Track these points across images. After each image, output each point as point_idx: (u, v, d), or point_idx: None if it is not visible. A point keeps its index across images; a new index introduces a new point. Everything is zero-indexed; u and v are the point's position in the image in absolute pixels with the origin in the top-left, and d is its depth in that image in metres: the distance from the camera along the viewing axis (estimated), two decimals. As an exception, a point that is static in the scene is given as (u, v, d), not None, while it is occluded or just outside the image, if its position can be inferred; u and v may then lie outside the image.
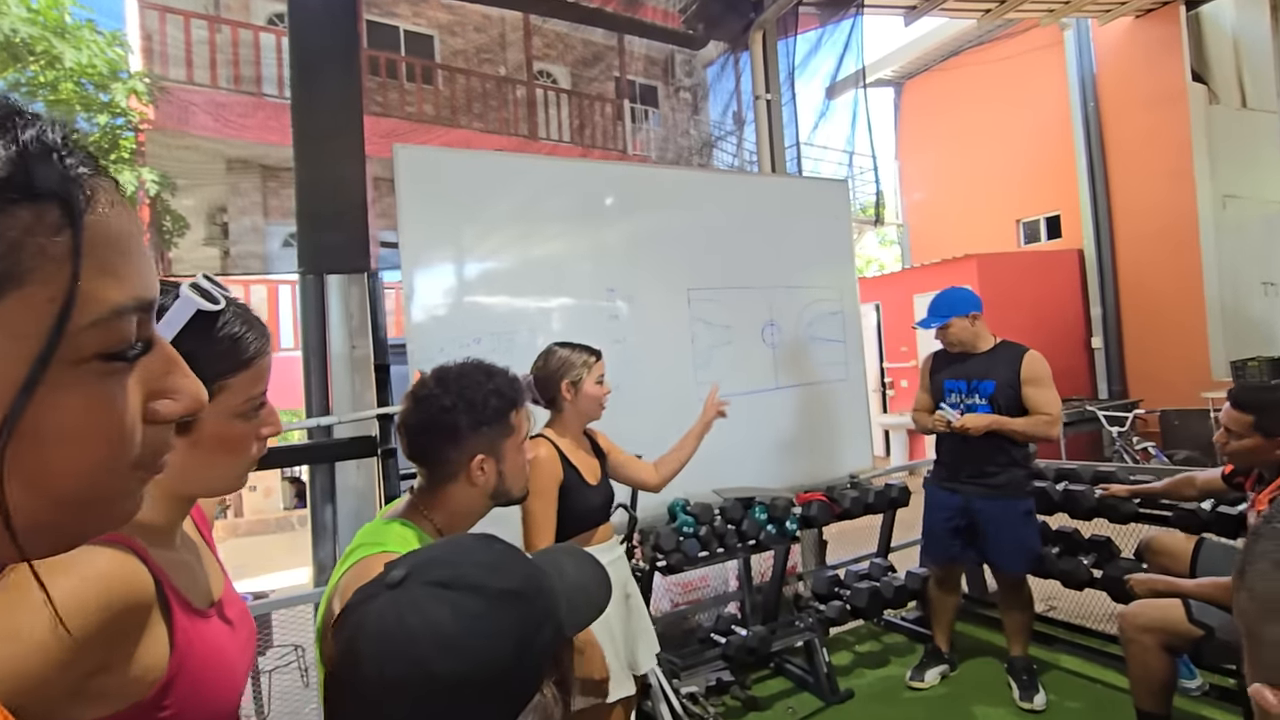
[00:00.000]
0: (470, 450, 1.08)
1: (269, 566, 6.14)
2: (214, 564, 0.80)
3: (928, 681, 2.81)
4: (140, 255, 0.32)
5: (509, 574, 0.57)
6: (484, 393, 1.10)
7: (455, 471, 1.09)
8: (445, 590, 0.54)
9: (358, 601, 0.56)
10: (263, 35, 7.08)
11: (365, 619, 0.54)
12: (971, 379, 2.68)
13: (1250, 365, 6.41)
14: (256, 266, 7.50)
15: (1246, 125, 7.49)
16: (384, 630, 0.52)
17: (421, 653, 0.50)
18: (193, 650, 0.65)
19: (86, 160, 0.30)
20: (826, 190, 3.58)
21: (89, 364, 0.29)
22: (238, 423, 0.70)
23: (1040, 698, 2.60)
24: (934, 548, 2.85)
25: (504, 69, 7.94)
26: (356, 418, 2.22)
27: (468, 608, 0.53)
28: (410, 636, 0.51)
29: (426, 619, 0.52)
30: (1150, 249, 7.85)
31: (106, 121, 6.60)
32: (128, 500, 0.35)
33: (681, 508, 2.64)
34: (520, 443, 1.16)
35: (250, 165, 7.41)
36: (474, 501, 1.12)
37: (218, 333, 0.67)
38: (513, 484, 1.15)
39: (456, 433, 1.08)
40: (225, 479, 0.73)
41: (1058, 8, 6.76)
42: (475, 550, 0.60)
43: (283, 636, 3.24)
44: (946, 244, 9.59)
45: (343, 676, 0.55)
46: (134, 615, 0.59)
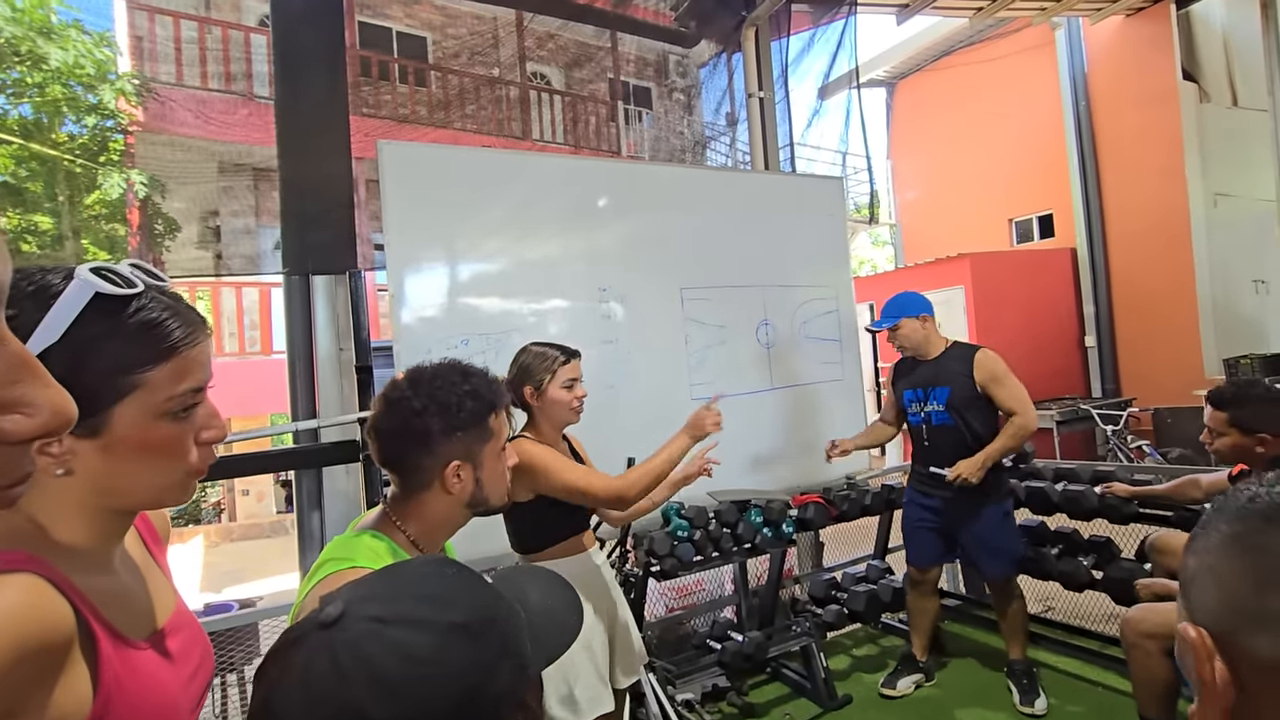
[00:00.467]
0: (444, 456, 1.01)
1: (263, 571, 6.07)
2: (162, 585, 0.72)
3: (899, 690, 2.75)
4: None
5: (458, 606, 0.51)
6: (459, 395, 1.03)
7: (429, 479, 1.02)
8: (383, 626, 0.47)
9: (284, 644, 0.49)
10: (254, 36, 7.02)
11: (291, 662, 0.47)
12: (926, 386, 2.66)
13: (1243, 362, 6.42)
14: (248, 268, 7.43)
15: (1237, 124, 7.51)
16: (312, 675, 0.45)
17: (354, 696, 0.44)
18: (123, 689, 0.57)
19: None
20: (821, 188, 3.54)
21: None
22: (162, 424, 0.60)
23: (1041, 702, 2.56)
24: (915, 549, 2.80)
25: (497, 70, 7.90)
26: (338, 421, 2.17)
27: (409, 647, 0.46)
28: (342, 679, 0.45)
29: (361, 659, 0.45)
30: (1142, 247, 7.87)
31: (95, 123, 6.53)
32: None
33: (675, 511, 2.60)
34: (500, 449, 1.08)
35: (242, 166, 7.34)
36: (450, 511, 1.05)
37: (128, 319, 0.57)
38: (491, 492, 1.07)
39: (429, 438, 1.01)
40: (159, 489, 0.63)
41: (1049, 6, 6.76)
42: (422, 580, 0.53)
43: (270, 645, 3.18)
44: (939, 243, 9.59)
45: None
46: (47, 656, 0.51)
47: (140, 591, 0.68)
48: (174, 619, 0.71)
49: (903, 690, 2.76)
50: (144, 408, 0.59)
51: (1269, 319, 7.35)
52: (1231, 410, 1.95)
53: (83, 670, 0.55)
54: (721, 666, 2.60)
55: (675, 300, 2.95)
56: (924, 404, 2.67)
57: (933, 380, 2.65)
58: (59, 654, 0.52)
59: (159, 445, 0.61)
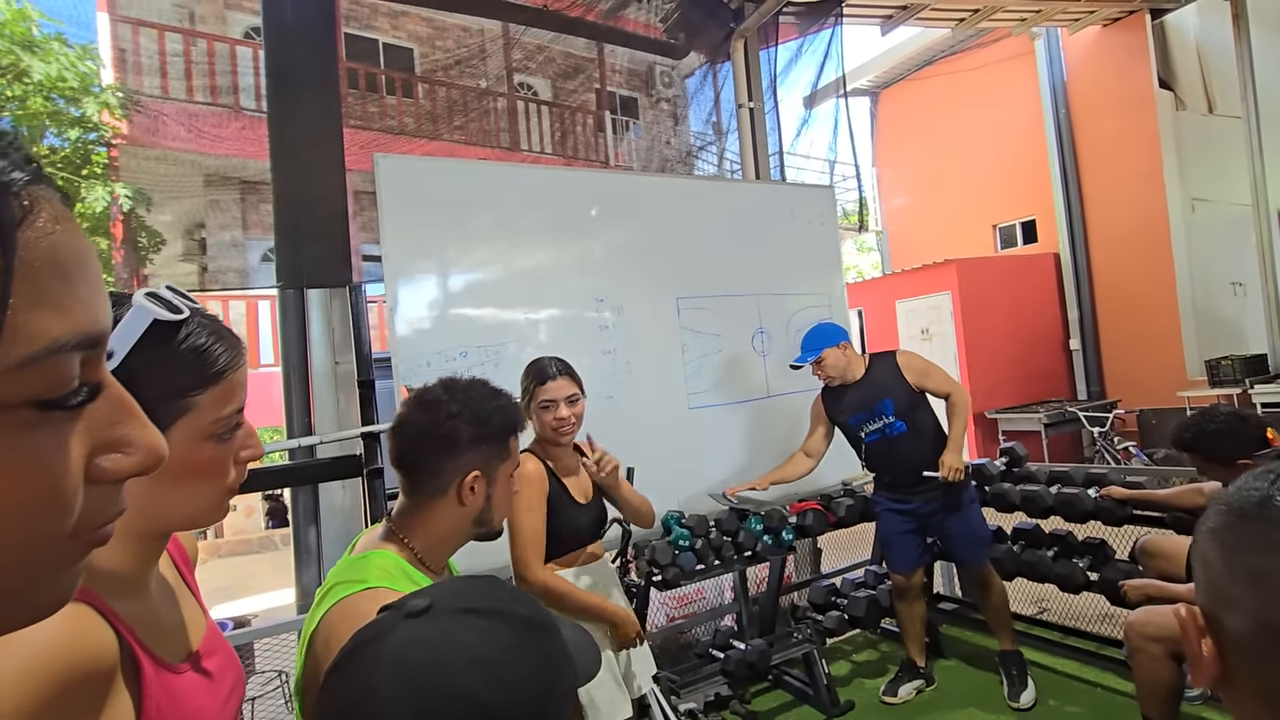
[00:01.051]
0: (465, 465, 1.01)
1: (252, 587, 5.99)
2: (194, 607, 0.73)
3: (901, 697, 2.77)
4: (89, 283, 0.27)
5: (527, 605, 0.54)
6: (490, 408, 1.04)
7: (445, 486, 1.02)
8: (475, 617, 0.50)
9: (368, 637, 0.51)
10: (239, 49, 6.99)
11: (382, 651, 0.48)
12: (871, 405, 2.71)
13: (1224, 364, 6.53)
14: (236, 281, 7.36)
15: (1212, 130, 7.68)
16: (410, 659, 0.47)
17: (463, 681, 0.46)
18: (164, 715, 0.58)
19: (24, 165, 0.25)
20: (812, 196, 3.58)
21: (20, 413, 0.24)
22: (208, 445, 0.62)
23: (1028, 695, 2.62)
24: (899, 556, 2.83)
25: (484, 81, 7.92)
26: (340, 437, 2.16)
27: (501, 635, 0.49)
28: (445, 663, 0.46)
29: (461, 645, 0.47)
30: (1124, 252, 8.01)
31: (78, 136, 6.46)
32: (57, 582, 0.29)
33: (676, 520, 2.60)
34: (510, 473, 1.09)
35: (229, 179, 7.29)
36: (458, 524, 1.04)
37: (179, 345, 0.59)
38: (496, 513, 1.07)
39: (455, 443, 1.01)
40: (198, 510, 0.64)
41: (1029, 16, 6.90)
42: (489, 585, 0.57)
43: (266, 663, 3.14)
44: (925, 250, 9.70)
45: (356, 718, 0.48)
46: (93, 683, 0.52)
47: (175, 614, 0.69)
48: (207, 640, 0.71)
49: (904, 697, 2.77)
50: (192, 431, 0.61)
51: (1247, 320, 7.49)
52: (1201, 451, 2.01)
53: (126, 697, 0.55)
54: (725, 675, 2.60)
55: (671, 310, 2.97)
56: (875, 421, 2.71)
57: (874, 397, 2.70)
58: (104, 681, 0.53)
59: (204, 467, 0.62)
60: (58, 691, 0.48)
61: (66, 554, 0.28)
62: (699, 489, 2.86)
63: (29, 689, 0.47)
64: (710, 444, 2.98)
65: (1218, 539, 0.49)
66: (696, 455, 2.91)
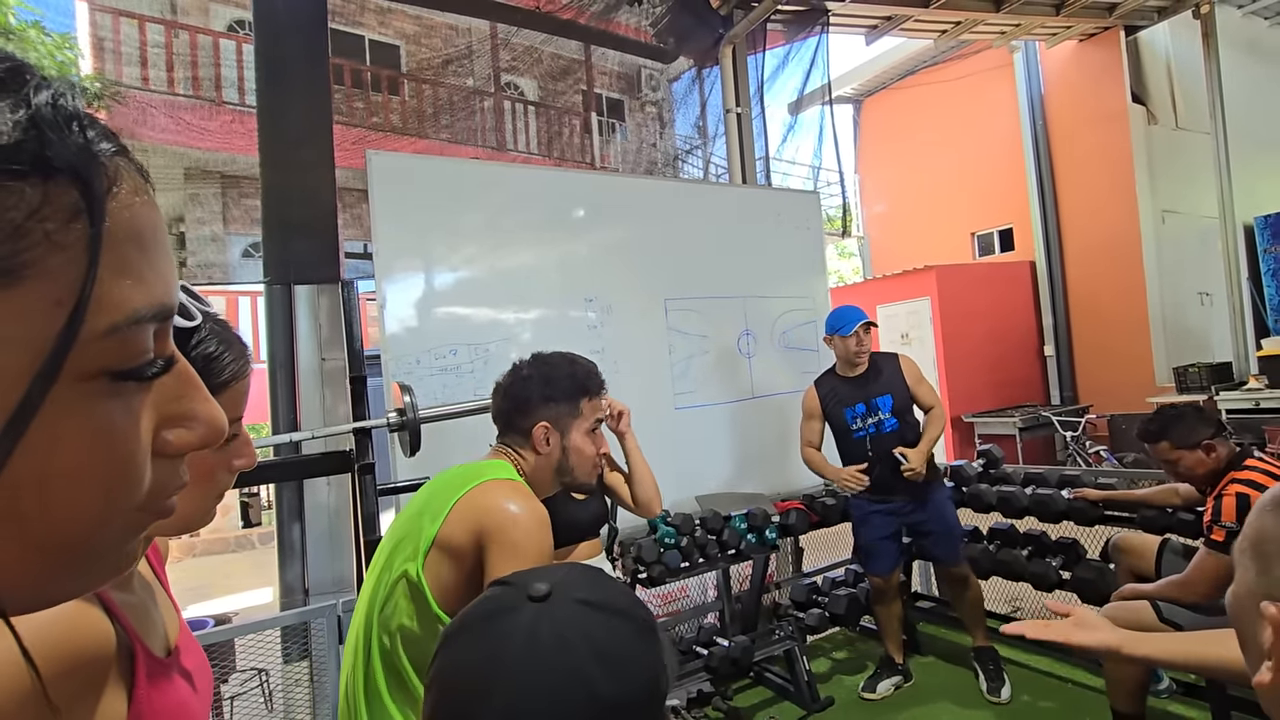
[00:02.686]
0: (535, 417, 1.21)
1: (228, 587, 5.90)
2: (168, 605, 0.72)
3: (879, 693, 2.82)
4: (164, 256, 0.27)
5: (643, 608, 0.56)
6: (560, 373, 1.24)
7: (524, 437, 1.22)
8: (597, 611, 0.52)
9: (493, 610, 0.54)
10: (223, 41, 6.91)
11: (515, 625, 0.51)
12: (870, 399, 2.77)
13: (1191, 370, 6.73)
14: (217, 277, 7.26)
15: (1181, 144, 7.92)
16: (541, 639, 0.50)
17: (581, 667, 0.48)
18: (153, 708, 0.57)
19: (109, 137, 0.26)
20: (798, 201, 3.64)
21: (97, 382, 0.25)
22: (205, 452, 0.60)
23: (1006, 690, 2.68)
24: (879, 560, 2.86)
25: (471, 80, 7.90)
26: (332, 432, 2.15)
27: (619, 632, 0.52)
28: (570, 649, 0.49)
29: (583, 635, 0.50)
30: (1097, 261, 8.21)
31: (52, 127, 6.31)
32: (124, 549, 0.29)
33: (662, 519, 2.63)
34: (588, 430, 1.25)
35: (210, 173, 7.19)
36: (544, 470, 1.22)
37: (190, 352, 0.59)
38: (577, 465, 1.24)
39: (527, 401, 1.22)
40: (190, 514, 0.64)
41: (1008, 30, 7.06)
42: (604, 578, 0.59)
43: (245, 661, 3.11)
44: (905, 256, 9.86)
45: (479, 685, 0.50)
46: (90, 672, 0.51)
47: (154, 610, 0.68)
48: (182, 638, 0.71)
49: (882, 693, 2.83)
50: None
51: (1213, 329, 7.73)
52: (1170, 437, 2.10)
53: (120, 687, 0.55)
54: (708, 671, 2.63)
55: (659, 310, 3.00)
56: (869, 416, 2.76)
57: (875, 391, 2.76)
58: (102, 669, 0.52)
59: (202, 474, 0.62)
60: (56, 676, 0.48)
61: (134, 523, 0.29)
62: (685, 488, 2.90)
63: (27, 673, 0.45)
64: (696, 444, 3.02)
65: None
66: (683, 455, 2.95)
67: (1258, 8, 8.20)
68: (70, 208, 0.23)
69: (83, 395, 0.24)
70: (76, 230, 0.23)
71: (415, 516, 1.08)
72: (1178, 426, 2.10)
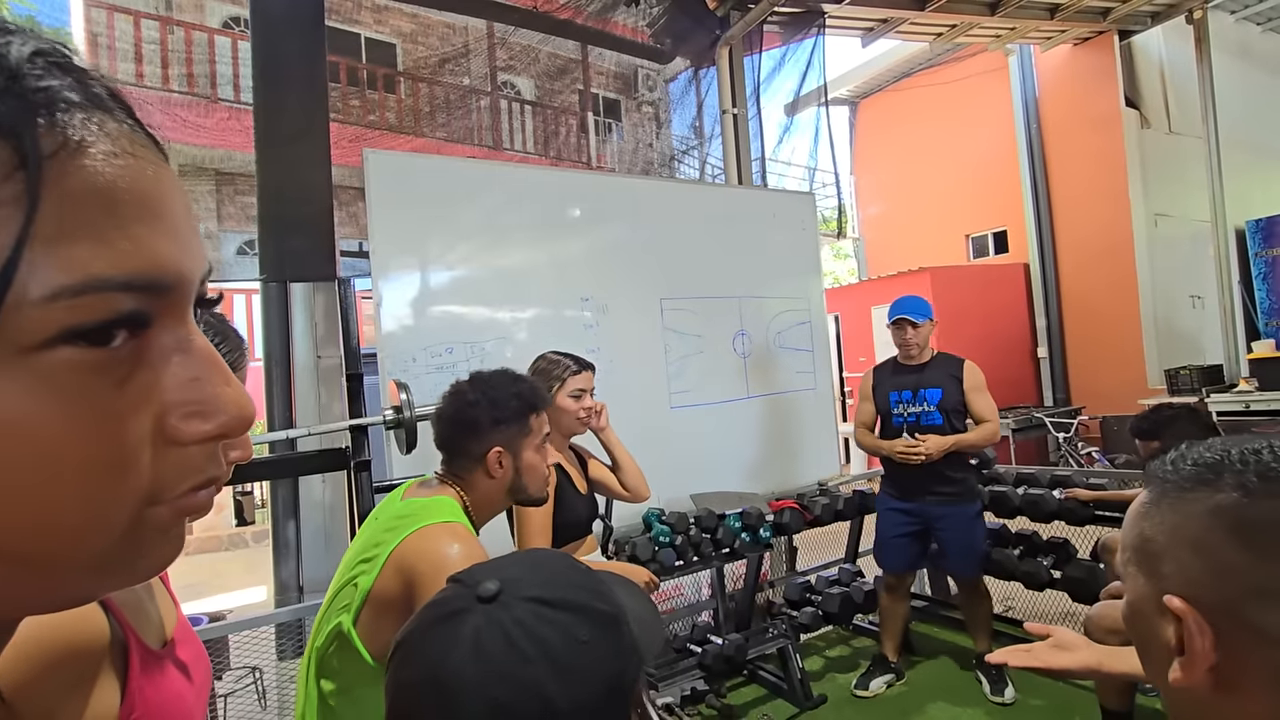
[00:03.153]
0: (488, 443, 1.18)
1: (223, 586, 5.88)
2: (166, 597, 0.72)
3: (872, 690, 2.83)
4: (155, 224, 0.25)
5: (606, 598, 0.54)
6: (507, 394, 1.21)
7: (475, 462, 1.19)
8: (549, 609, 0.50)
9: (440, 615, 0.52)
10: (219, 38, 6.89)
11: (458, 635, 0.49)
12: (918, 388, 2.77)
13: (1182, 373, 6.78)
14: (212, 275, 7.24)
15: (1174, 148, 7.98)
16: (488, 647, 0.48)
17: (535, 674, 0.46)
18: (146, 701, 0.56)
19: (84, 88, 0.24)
20: (793, 202, 3.66)
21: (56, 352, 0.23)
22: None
23: (1010, 691, 2.70)
24: (891, 557, 2.89)
25: (468, 79, 7.89)
26: (328, 429, 2.16)
27: (576, 631, 0.49)
28: (522, 657, 0.47)
29: (535, 639, 0.48)
30: (1090, 264, 8.26)
31: (46, 122, 6.29)
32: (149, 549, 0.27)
33: (657, 517, 2.64)
34: (539, 445, 1.24)
35: (205, 170, 7.16)
36: (494, 492, 1.21)
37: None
38: (530, 482, 1.23)
39: (477, 426, 1.19)
40: None
41: (1003, 33, 7.09)
42: (569, 569, 0.57)
43: (239, 658, 3.10)
44: (900, 257, 9.90)
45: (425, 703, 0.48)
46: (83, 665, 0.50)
47: (150, 602, 0.68)
48: (180, 630, 0.70)
49: (875, 691, 2.84)
50: None
51: (1205, 332, 7.78)
52: (1163, 439, 2.14)
53: (113, 679, 0.54)
54: (702, 669, 2.64)
55: (655, 310, 3.01)
56: (913, 405, 2.76)
57: (926, 382, 2.75)
58: (95, 661, 0.52)
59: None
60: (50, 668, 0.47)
61: (152, 519, 0.27)
62: (680, 487, 2.91)
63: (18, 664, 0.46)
64: (691, 443, 3.03)
65: (1228, 519, 0.45)
66: (678, 454, 2.96)
67: (1250, 13, 8.26)
68: (6, 163, 0.21)
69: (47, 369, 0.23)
70: (12, 187, 0.21)
71: (354, 561, 1.06)
72: (1171, 428, 2.13)
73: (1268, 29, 8.67)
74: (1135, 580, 0.52)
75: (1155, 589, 0.50)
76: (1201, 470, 0.49)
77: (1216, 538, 0.46)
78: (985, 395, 2.74)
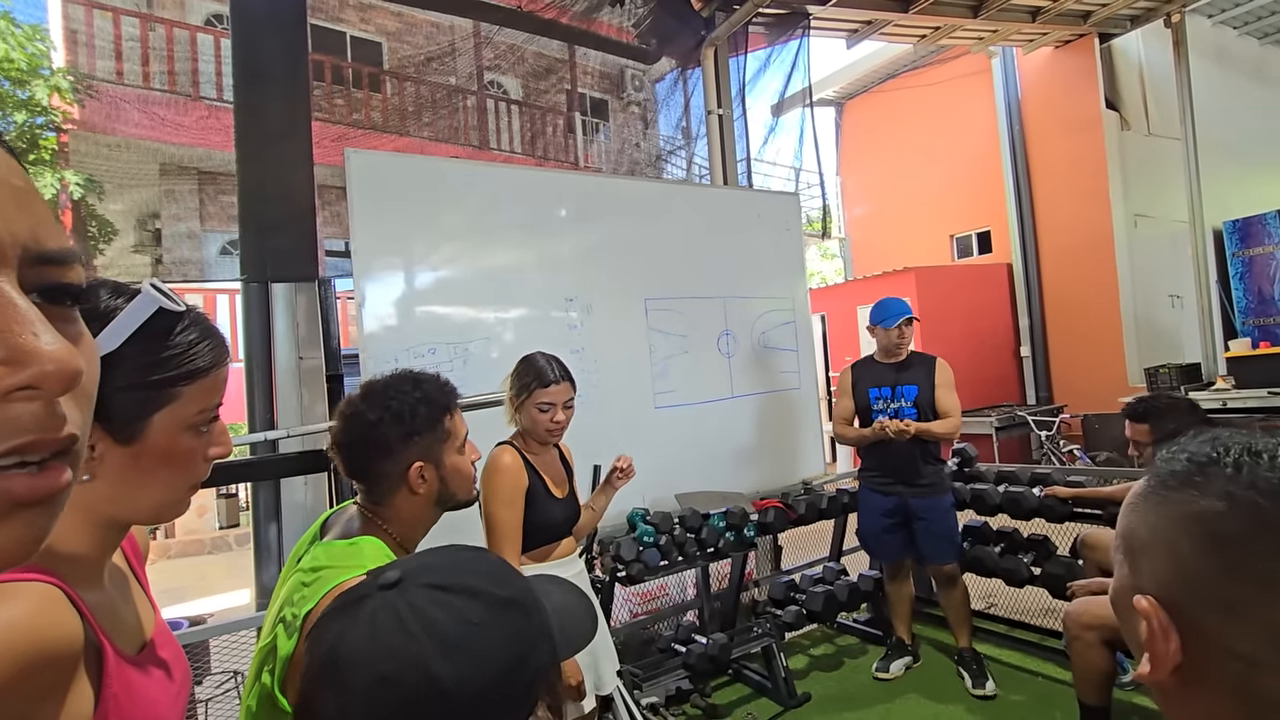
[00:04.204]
0: (405, 461, 1.06)
1: (206, 589, 5.82)
2: (145, 601, 0.72)
3: (893, 673, 2.94)
4: None
5: (507, 584, 0.56)
6: (410, 402, 1.08)
7: (395, 484, 1.07)
8: (444, 593, 0.52)
9: (346, 602, 0.54)
10: (200, 35, 6.81)
11: (357, 617, 0.51)
12: (895, 384, 2.90)
13: (1161, 371, 6.87)
14: (193, 274, 7.15)
15: (1153, 150, 8.09)
16: (379, 628, 0.50)
17: (421, 651, 0.49)
18: (120, 706, 0.57)
19: None
20: (778, 203, 3.68)
21: None
22: (186, 436, 0.63)
23: (990, 684, 2.75)
24: (879, 549, 3.04)
25: (454, 79, 7.85)
26: (308, 431, 2.14)
27: (468, 613, 0.52)
28: (409, 634, 0.49)
29: (426, 620, 0.50)
30: (1071, 264, 8.36)
31: (25, 120, 6.20)
32: None
33: (641, 517, 2.65)
34: (459, 445, 1.13)
35: (186, 169, 7.08)
36: (421, 510, 1.09)
37: (175, 336, 0.62)
38: (457, 488, 1.11)
39: (388, 445, 1.05)
40: (165, 501, 0.64)
41: (986, 36, 7.16)
42: (475, 559, 0.59)
43: (221, 663, 3.07)
44: (885, 257, 9.97)
45: (323, 677, 0.51)
46: (57, 671, 0.50)
47: (130, 606, 0.68)
48: (158, 634, 0.71)
49: (895, 673, 2.95)
50: (175, 420, 0.62)
51: (1183, 331, 7.90)
52: (1152, 421, 2.15)
53: (86, 685, 0.54)
54: (687, 669, 2.65)
55: (640, 310, 3.02)
56: (891, 401, 2.89)
57: (904, 379, 2.89)
58: (69, 667, 0.52)
59: (181, 456, 0.63)
60: (23, 674, 0.47)
61: None
62: (665, 487, 2.92)
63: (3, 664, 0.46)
64: (676, 443, 3.04)
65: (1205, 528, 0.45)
66: (662, 454, 2.97)
67: (1226, 18, 8.40)
68: None
69: None
70: None
71: (275, 617, 0.97)
72: (1162, 415, 2.15)
73: (1244, 33, 8.81)
74: (1120, 570, 0.52)
75: (1133, 584, 0.50)
76: (1192, 470, 0.48)
77: (1191, 544, 0.45)
78: (951, 392, 2.89)
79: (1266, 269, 6.69)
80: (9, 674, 0.46)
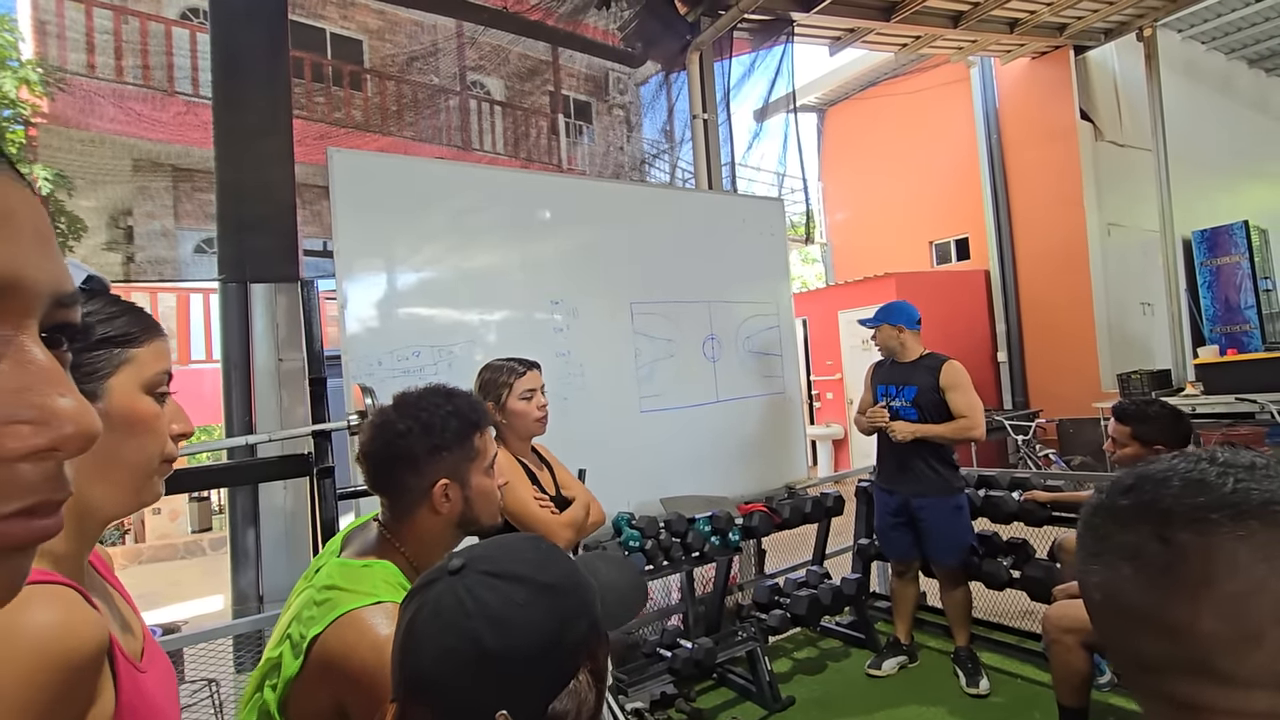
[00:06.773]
0: (431, 476, 1.02)
1: (177, 595, 5.69)
2: (130, 612, 0.72)
3: (884, 671, 2.97)
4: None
5: (550, 571, 0.66)
6: (441, 415, 1.04)
7: (418, 499, 1.03)
8: (496, 579, 0.63)
9: (423, 584, 0.65)
10: (176, 30, 6.67)
11: (428, 599, 0.63)
12: (898, 384, 2.97)
13: (1133, 377, 7.03)
14: (168, 274, 6.99)
15: (1126, 160, 8.29)
16: (442, 607, 0.62)
17: (475, 627, 0.60)
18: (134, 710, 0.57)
19: None
20: (763, 208, 3.70)
21: None
22: (146, 398, 0.63)
23: (985, 683, 2.79)
24: (887, 546, 3.10)
25: (437, 78, 7.78)
26: (290, 435, 2.10)
27: (513, 595, 0.62)
28: (466, 613, 0.61)
29: (478, 600, 0.61)
30: (1047, 271, 8.52)
31: (-11, 113, 6.02)
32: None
33: (626, 521, 2.64)
34: (487, 467, 1.09)
35: (160, 165, 6.93)
36: (442, 531, 1.05)
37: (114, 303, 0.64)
38: (481, 511, 1.07)
39: (414, 459, 1.02)
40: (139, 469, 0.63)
41: (965, 45, 7.28)
42: (523, 549, 0.69)
43: (195, 671, 3.00)
44: (866, 263, 10.08)
45: (400, 645, 0.63)
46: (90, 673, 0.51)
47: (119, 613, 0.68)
48: (148, 641, 0.71)
49: (887, 671, 2.98)
50: (134, 380, 0.63)
51: (1155, 338, 8.09)
52: (1135, 424, 2.18)
53: (110, 686, 0.55)
54: (672, 673, 2.64)
55: (625, 314, 3.01)
56: (893, 399, 2.96)
57: (905, 379, 2.95)
58: (98, 669, 0.53)
59: (144, 417, 0.63)
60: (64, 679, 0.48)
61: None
62: (650, 491, 2.91)
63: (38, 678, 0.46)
64: (661, 447, 3.04)
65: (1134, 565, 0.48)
66: (647, 458, 2.96)
67: (1196, 32, 8.63)
68: None
69: None
70: None
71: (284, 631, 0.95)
72: (1146, 422, 2.17)
73: (1211, 48, 9.07)
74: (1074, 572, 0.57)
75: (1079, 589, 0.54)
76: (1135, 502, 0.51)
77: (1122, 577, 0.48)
78: (962, 393, 2.86)
79: (1233, 278, 6.87)
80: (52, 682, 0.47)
